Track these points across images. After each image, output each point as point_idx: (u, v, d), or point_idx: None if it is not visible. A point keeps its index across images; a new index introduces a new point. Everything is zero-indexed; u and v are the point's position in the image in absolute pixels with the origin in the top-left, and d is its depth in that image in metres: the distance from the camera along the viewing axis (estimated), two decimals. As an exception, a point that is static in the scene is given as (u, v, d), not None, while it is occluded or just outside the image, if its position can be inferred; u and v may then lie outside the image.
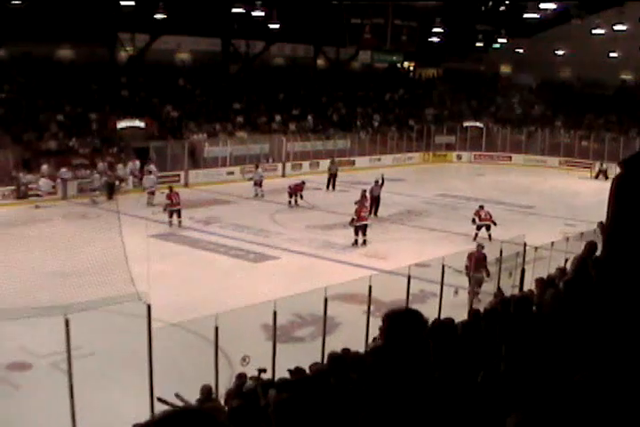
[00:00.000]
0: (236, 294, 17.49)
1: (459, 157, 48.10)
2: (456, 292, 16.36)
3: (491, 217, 25.21)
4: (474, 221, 25.18)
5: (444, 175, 41.90)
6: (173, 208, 26.13)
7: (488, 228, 24.77)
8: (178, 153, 35.85)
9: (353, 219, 24.62)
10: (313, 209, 29.72)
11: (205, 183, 34.61)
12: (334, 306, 13.80)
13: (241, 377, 10.09)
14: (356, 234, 24.33)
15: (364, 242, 24.20)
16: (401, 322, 3.18)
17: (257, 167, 33.59)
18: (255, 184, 32.50)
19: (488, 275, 17.63)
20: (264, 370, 9.22)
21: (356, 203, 25.46)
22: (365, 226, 24.43)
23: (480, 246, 18.82)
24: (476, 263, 17.85)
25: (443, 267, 14.85)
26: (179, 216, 26.10)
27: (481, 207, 25.60)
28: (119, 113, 36.87)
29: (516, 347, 4.28)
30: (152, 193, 29.93)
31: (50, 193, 29.90)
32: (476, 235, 24.77)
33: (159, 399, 10.17)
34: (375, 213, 28.45)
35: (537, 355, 3.92)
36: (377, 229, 26.52)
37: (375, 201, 28.60)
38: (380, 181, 29.05)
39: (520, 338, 4.43)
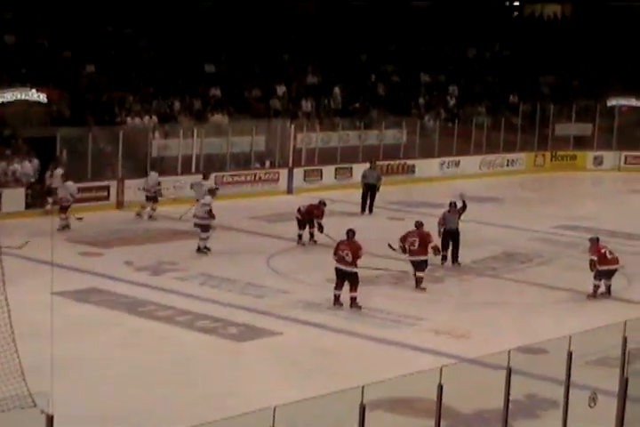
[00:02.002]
0: (206, 395, 17.57)
1: (598, 161, 48.20)
2: (594, 398, 16.28)
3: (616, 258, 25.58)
4: (593, 265, 25.29)
5: (570, 192, 41.90)
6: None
7: (611, 275, 25.31)
8: (106, 149, 36.08)
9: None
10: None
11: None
12: (377, 418, 13.83)
13: None
14: (338, 287, 24.02)
15: (354, 300, 23.84)
16: None
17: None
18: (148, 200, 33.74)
19: None
20: None
21: (401, 243, 25.72)
22: (350, 274, 23.82)
23: None
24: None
25: (569, 354, 14.82)
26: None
27: (596, 240, 25.74)
28: (2, 77, 37.18)
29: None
30: (65, 209, 31.33)
31: None
32: (597, 288, 25.31)
33: None
34: (455, 258, 28.54)
35: None
36: (452, 286, 26.56)
37: (451, 237, 28.57)
38: (460, 204, 29.14)
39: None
